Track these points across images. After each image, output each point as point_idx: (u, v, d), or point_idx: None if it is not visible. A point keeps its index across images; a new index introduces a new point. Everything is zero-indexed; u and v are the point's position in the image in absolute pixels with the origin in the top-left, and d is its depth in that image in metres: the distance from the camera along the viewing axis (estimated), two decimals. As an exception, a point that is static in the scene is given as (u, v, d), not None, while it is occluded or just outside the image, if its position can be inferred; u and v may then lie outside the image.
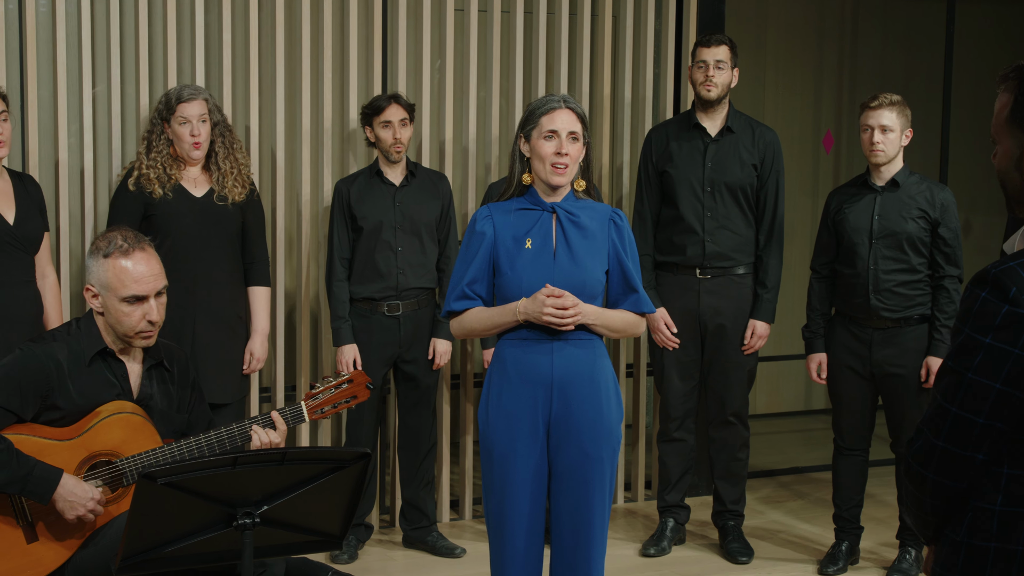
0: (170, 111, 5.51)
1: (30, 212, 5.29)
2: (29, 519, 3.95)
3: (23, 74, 5.83)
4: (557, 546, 4.30)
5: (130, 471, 4.01)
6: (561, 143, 4.20)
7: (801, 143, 9.12)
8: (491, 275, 4.30)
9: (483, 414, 4.30)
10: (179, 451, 4.03)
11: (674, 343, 6.13)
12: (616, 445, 4.31)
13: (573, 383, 4.21)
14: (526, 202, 4.30)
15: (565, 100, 4.25)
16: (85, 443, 3.98)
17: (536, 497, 4.26)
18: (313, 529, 3.60)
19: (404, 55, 6.48)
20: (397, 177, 6.01)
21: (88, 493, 3.92)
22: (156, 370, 4.20)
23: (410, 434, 6.15)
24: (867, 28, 9.34)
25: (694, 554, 6.26)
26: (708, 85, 6.02)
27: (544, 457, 4.25)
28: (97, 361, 4.07)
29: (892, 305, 5.71)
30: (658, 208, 6.20)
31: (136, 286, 4.04)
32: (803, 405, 9.50)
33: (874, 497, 6.91)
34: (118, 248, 4.05)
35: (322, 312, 6.38)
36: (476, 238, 4.28)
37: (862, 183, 5.83)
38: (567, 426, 4.22)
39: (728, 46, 6.05)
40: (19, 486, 3.86)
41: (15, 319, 5.16)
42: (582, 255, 4.24)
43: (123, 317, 4.04)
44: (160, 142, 5.54)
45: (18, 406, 3.94)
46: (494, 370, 4.31)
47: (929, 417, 2.57)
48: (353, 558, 6.03)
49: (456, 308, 4.31)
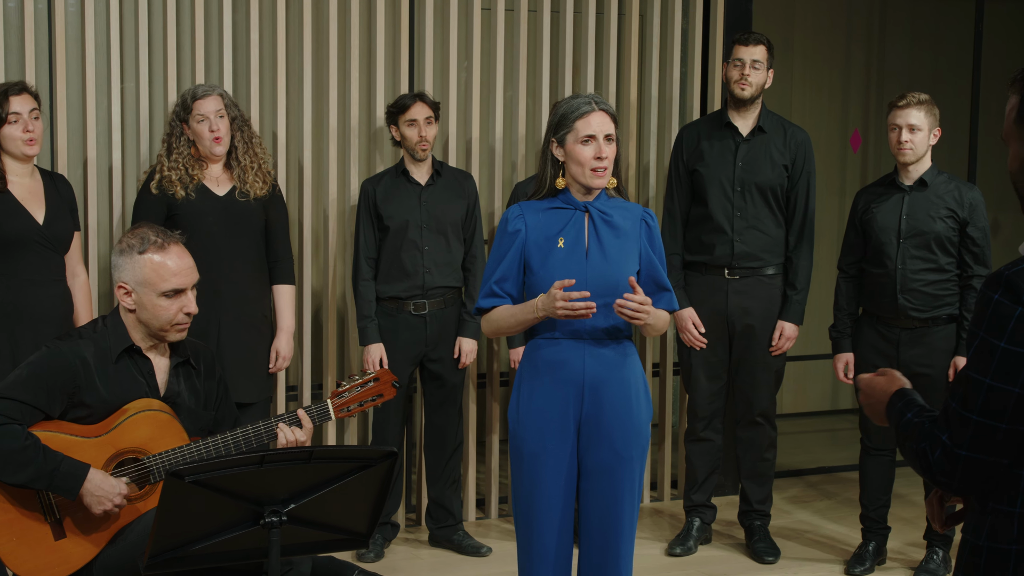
0: (187, 111, 5.53)
1: (60, 212, 5.31)
2: (57, 516, 3.97)
3: (52, 73, 5.86)
4: (586, 545, 4.30)
5: (157, 468, 4.02)
6: (600, 147, 4.19)
7: (828, 142, 9.09)
8: (521, 273, 4.30)
9: (513, 413, 4.30)
10: (206, 449, 4.04)
11: (702, 343, 6.12)
12: (645, 445, 4.31)
13: (605, 383, 4.21)
14: (558, 201, 4.30)
15: (596, 101, 4.23)
16: (112, 440, 4.00)
17: (567, 496, 4.26)
18: (340, 527, 3.61)
19: (431, 54, 6.49)
20: (423, 176, 6.01)
21: (115, 488, 3.94)
22: (183, 367, 4.21)
23: (436, 433, 6.16)
24: (895, 27, 9.30)
25: (720, 554, 6.25)
26: (743, 84, 6.01)
27: (574, 456, 4.25)
28: (124, 358, 4.08)
29: (920, 305, 5.68)
30: (688, 207, 6.19)
31: (176, 279, 4.07)
32: (830, 405, 9.47)
33: (902, 497, 6.89)
34: (153, 244, 4.07)
35: (348, 311, 6.39)
36: (508, 236, 4.28)
37: (890, 182, 5.81)
38: (598, 426, 4.22)
39: (766, 46, 6.04)
40: (47, 481, 3.88)
41: (45, 318, 5.19)
42: (614, 254, 4.23)
43: (161, 311, 4.06)
44: (180, 143, 5.56)
45: (45, 403, 3.95)
46: (525, 369, 4.30)
47: (947, 423, 2.54)
48: (379, 557, 6.04)
49: (484, 305, 4.32)
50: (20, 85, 5.25)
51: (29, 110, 5.21)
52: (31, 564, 3.94)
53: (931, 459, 2.55)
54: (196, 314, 4.16)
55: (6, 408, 3.90)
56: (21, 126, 5.19)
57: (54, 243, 5.27)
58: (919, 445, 2.59)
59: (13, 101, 5.18)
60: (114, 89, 5.93)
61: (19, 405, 3.92)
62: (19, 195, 5.22)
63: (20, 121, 5.19)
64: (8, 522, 3.93)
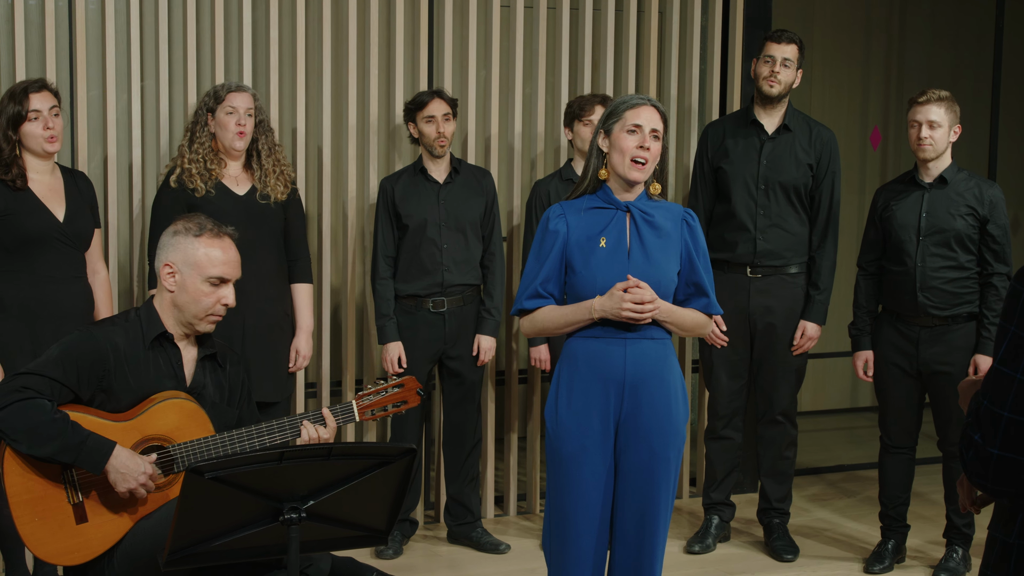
0: (218, 101, 5.55)
1: (80, 209, 5.33)
2: (80, 499, 3.99)
3: (72, 71, 5.88)
4: (621, 545, 4.28)
5: (182, 457, 4.04)
6: (644, 138, 4.20)
7: (848, 140, 9.08)
8: (563, 274, 4.29)
9: (551, 412, 4.28)
10: (231, 441, 4.06)
11: (723, 341, 6.11)
12: (681, 445, 4.30)
13: (645, 382, 4.20)
14: (599, 200, 4.29)
15: (650, 99, 4.28)
16: (139, 426, 4.02)
17: (605, 497, 4.24)
18: (359, 524, 3.61)
19: (450, 52, 6.49)
20: (441, 174, 6.02)
21: (140, 467, 3.95)
22: (209, 361, 4.24)
23: (455, 430, 6.17)
24: (915, 24, 9.28)
25: (739, 551, 6.25)
26: (771, 81, 6.00)
27: (612, 456, 4.24)
28: (154, 346, 4.12)
29: (940, 303, 5.67)
30: (712, 204, 6.19)
31: (224, 267, 4.13)
32: (849, 403, 9.46)
33: (921, 495, 6.87)
34: (209, 231, 4.15)
35: (367, 309, 6.40)
36: (549, 236, 4.28)
37: (910, 180, 5.80)
38: (636, 425, 4.21)
39: (798, 46, 6.03)
40: (73, 455, 3.90)
41: (66, 315, 5.21)
42: (656, 254, 4.23)
43: (201, 296, 4.11)
44: (203, 134, 5.57)
45: (75, 383, 3.99)
46: (564, 367, 4.29)
47: (978, 423, 2.48)
48: (398, 553, 6.05)
49: (528, 306, 4.31)
50: (40, 82, 5.26)
51: (49, 107, 5.23)
52: (52, 547, 3.97)
53: (965, 460, 2.49)
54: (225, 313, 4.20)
55: (36, 383, 3.94)
56: (41, 123, 5.20)
57: (74, 240, 5.29)
58: (958, 447, 2.55)
59: (33, 99, 5.20)
60: (134, 87, 5.95)
61: (49, 382, 3.95)
62: (40, 192, 5.24)
63: (40, 118, 5.20)
64: (31, 502, 3.95)
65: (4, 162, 5.17)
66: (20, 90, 5.21)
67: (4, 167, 5.17)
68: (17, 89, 5.22)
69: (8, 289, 5.19)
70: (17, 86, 5.24)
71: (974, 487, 2.66)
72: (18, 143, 5.20)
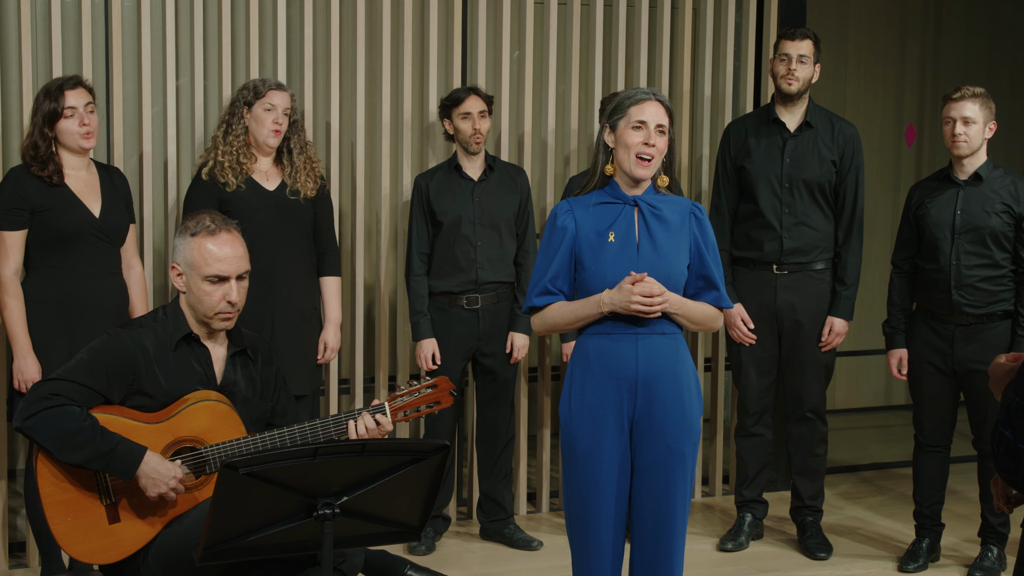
0: (257, 96, 5.57)
1: (115, 205, 5.36)
2: (112, 499, 4.01)
3: (108, 68, 5.91)
4: (639, 540, 4.29)
5: (214, 458, 4.05)
6: (649, 134, 4.19)
7: (882, 137, 9.04)
8: (572, 270, 4.29)
9: (565, 409, 4.28)
10: (263, 443, 4.06)
11: (751, 339, 6.10)
12: (697, 439, 4.29)
13: (657, 378, 4.19)
14: (607, 195, 4.29)
15: (654, 93, 4.25)
16: (171, 428, 4.04)
17: (620, 493, 4.25)
18: (392, 520, 3.62)
19: (484, 48, 6.50)
20: (475, 171, 6.02)
21: (171, 472, 3.97)
22: (240, 356, 4.24)
23: (488, 427, 6.18)
24: (950, 21, 9.23)
25: (772, 549, 6.23)
26: (789, 79, 5.98)
27: (627, 452, 4.24)
28: (182, 346, 4.13)
29: (974, 301, 5.64)
30: (736, 203, 6.17)
31: (219, 265, 4.09)
32: (883, 401, 9.43)
33: (956, 493, 6.85)
34: (205, 228, 4.12)
35: (401, 305, 6.41)
36: (557, 233, 4.27)
37: (944, 177, 5.77)
38: (650, 421, 4.20)
39: (812, 41, 6.01)
40: (103, 462, 3.92)
41: (101, 310, 5.24)
42: (665, 248, 4.22)
43: (204, 296, 4.09)
44: (238, 127, 5.60)
45: (105, 387, 4.00)
46: (576, 364, 4.29)
47: (1009, 419, 2.47)
48: (431, 549, 6.06)
49: (538, 303, 4.31)
50: (75, 79, 5.29)
51: (84, 104, 5.26)
52: (85, 547, 3.99)
53: (996, 455, 2.49)
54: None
55: (66, 390, 3.95)
56: (77, 120, 5.23)
57: (110, 236, 5.32)
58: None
59: (68, 96, 5.23)
60: (169, 84, 5.97)
61: (79, 387, 3.96)
62: (76, 188, 5.27)
63: (76, 115, 5.23)
64: (65, 503, 3.97)
65: (40, 158, 5.21)
66: (55, 87, 5.24)
67: (40, 163, 5.21)
68: (52, 86, 5.25)
69: (44, 284, 5.23)
70: (52, 83, 5.27)
71: (1007, 485, 2.66)
72: (54, 140, 5.23)
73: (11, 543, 5.88)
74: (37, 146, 5.21)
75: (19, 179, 5.21)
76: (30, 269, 5.27)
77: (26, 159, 5.23)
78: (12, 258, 5.20)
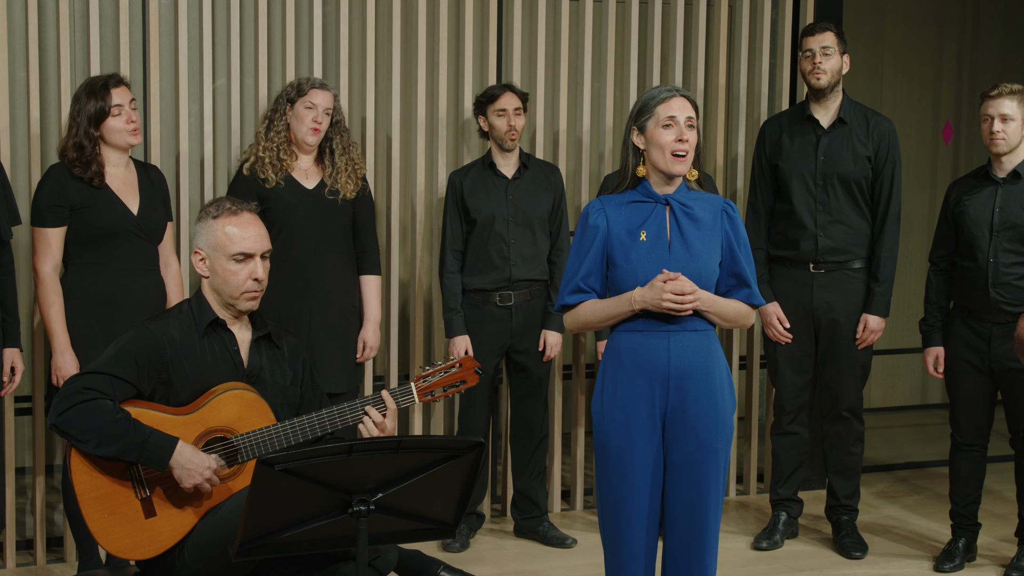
0: (300, 94, 5.61)
1: (153, 202, 5.39)
2: (147, 493, 4.03)
3: (146, 67, 5.94)
4: (672, 538, 4.29)
5: (245, 447, 4.08)
6: (681, 130, 4.19)
7: (920, 134, 9.00)
8: (604, 268, 4.30)
9: (597, 407, 4.29)
10: (292, 429, 4.09)
11: (787, 338, 6.08)
12: (729, 436, 4.29)
13: (689, 375, 4.19)
14: (638, 194, 4.29)
15: (677, 89, 4.26)
16: (201, 418, 4.06)
17: (654, 490, 4.25)
18: (427, 517, 3.63)
19: (519, 45, 6.50)
20: (510, 169, 6.03)
21: (204, 462, 3.99)
22: (264, 341, 4.27)
23: (522, 424, 6.18)
24: (988, 18, 9.18)
25: (807, 548, 6.22)
26: (817, 73, 5.95)
27: (660, 449, 4.24)
28: (210, 333, 4.16)
29: (1012, 299, 5.61)
30: (771, 202, 6.15)
31: (244, 243, 4.14)
32: (919, 399, 9.38)
33: (993, 493, 6.81)
34: (227, 210, 4.17)
35: (435, 302, 6.42)
36: (589, 231, 4.28)
37: (983, 175, 5.74)
38: (683, 418, 4.20)
39: (833, 32, 5.98)
40: (136, 453, 3.94)
41: (139, 307, 5.27)
42: (697, 246, 4.22)
43: (231, 276, 4.13)
44: (280, 123, 5.64)
45: (135, 378, 4.03)
46: (608, 361, 4.30)
47: None
48: (465, 547, 6.07)
49: (570, 301, 4.32)
50: (116, 77, 5.31)
51: (129, 100, 5.29)
52: (122, 542, 4.01)
53: None
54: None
55: (97, 383, 3.98)
56: (124, 117, 5.26)
57: (148, 233, 5.35)
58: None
59: (114, 94, 5.24)
60: (206, 82, 6.00)
61: (110, 379, 4.00)
62: (114, 186, 5.30)
63: (123, 113, 5.26)
64: (100, 499, 4.00)
65: (84, 160, 5.22)
66: (100, 86, 5.25)
67: (83, 165, 5.22)
68: (96, 85, 5.26)
69: (82, 281, 5.26)
70: (95, 82, 5.28)
71: None
72: (99, 139, 5.26)
73: (49, 538, 5.93)
74: (82, 147, 5.21)
75: (59, 177, 5.24)
76: (69, 266, 5.30)
77: (67, 160, 5.25)
78: (51, 255, 5.24)
